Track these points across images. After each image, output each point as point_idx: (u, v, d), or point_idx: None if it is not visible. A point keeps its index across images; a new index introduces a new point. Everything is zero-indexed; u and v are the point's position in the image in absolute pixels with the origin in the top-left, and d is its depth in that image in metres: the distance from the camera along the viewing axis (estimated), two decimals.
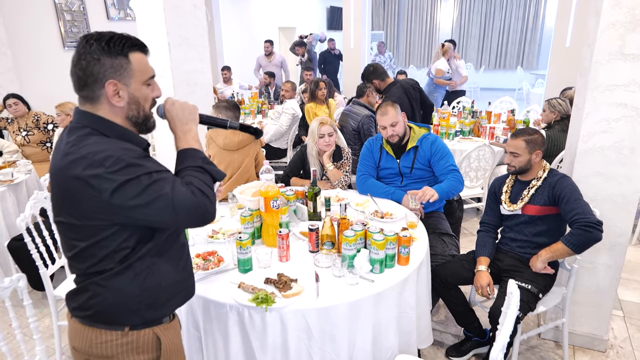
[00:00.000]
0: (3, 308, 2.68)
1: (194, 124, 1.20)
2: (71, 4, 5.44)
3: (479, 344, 2.27)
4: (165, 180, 1.00)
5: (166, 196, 0.98)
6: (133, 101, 1.08)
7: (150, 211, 0.99)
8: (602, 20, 1.91)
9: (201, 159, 1.12)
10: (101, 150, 0.98)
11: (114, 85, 1.03)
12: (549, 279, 2.07)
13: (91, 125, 1.04)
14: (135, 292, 1.10)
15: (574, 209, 1.89)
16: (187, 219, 1.03)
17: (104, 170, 0.95)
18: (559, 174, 2.05)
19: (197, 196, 1.02)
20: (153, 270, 1.11)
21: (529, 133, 2.06)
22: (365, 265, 1.66)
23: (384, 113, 2.45)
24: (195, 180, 1.05)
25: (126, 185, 0.96)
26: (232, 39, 8.82)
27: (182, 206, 0.99)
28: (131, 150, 1.01)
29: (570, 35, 5.69)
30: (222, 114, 2.65)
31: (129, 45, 1.05)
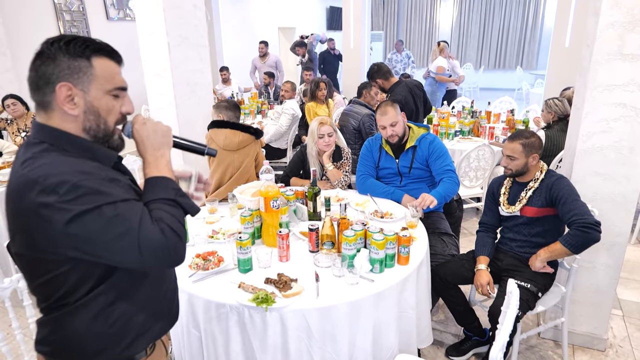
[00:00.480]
0: (3, 308, 2.68)
1: (167, 148, 1.03)
2: (70, 4, 5.44)
3: (479, 343, 2.27)
4: (132, 213, 0.86)
5: (132, 233, 0.84)
6: (91, 111, 0.93)
7: (111, 249, 0.85)
8: (601, 20, 1.91)
9: (174, 190, 0.98)
10: (55, 173, 0.83)
11: (67, 89, 0.89)
12: (549, 278, 2.07)
13: (48, 139, 0.91)
14: (97, 330, 0.97)
15: (572, 210, 1.89)
16: (153, 261, 0.88)
17: (57, 199, 0.81)
18: (556, 175, 2.05)
19: (167, 236, 0.87)
20: (119, 307, 0.98)
21: (525, 136, 2.04)
22: (365, 265, 1.67)
23: (383, 113, 2.45)
24: (166, 216, 0.90)
25: (84, 217, 0.82)
26: (231, 39, 8.83)
27: (149, 247, 0.85)
28: (92, 174, 0.87)
29: (570, 35, 5.69)
30: (223, 114, 2.66)
31: (94, 49, 0.93)
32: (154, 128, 1.02)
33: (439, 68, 6.00)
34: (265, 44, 7.28)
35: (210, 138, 2.61)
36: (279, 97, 5.57)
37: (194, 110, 3.07)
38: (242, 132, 2.58)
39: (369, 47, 8.09)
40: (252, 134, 2.62)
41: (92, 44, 0.93)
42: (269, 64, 7.22)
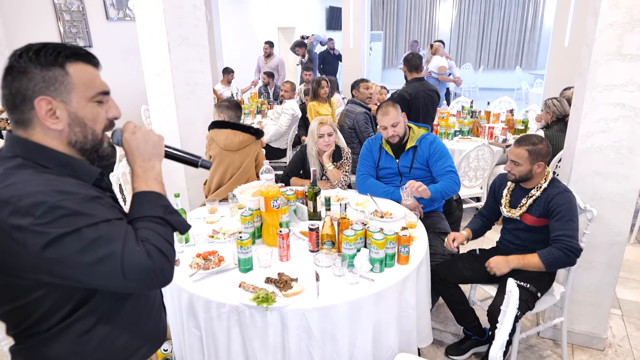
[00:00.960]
0: None
1: (157, 160, 0.97)
2: (70, 4, 5.44)
3: (478, 342, 2.28)
4: (115, 234, 0.80)
5: (114, 257, 0.78)
6: (76, 122, 0.86)
7: (92, 274, 0.79)
8: (600, 21, 1.92)
9: (162, 207, 0.91)
10: (30, 193, 0.77)
11: (47, 103, 0.83)
12: (548, 279, 2.08)
13: (23, 154, 0.84)
14: (76, 358, 0.90)
15: (563, 229, 1.89)
16: (138, 284, 0.83)
17: (32, 222, 0.75)
18: (559, 188, 1.98)
19: (154, 258, 0.82)
20: (98, 332, 0.91)
21: (532, 142, 1.96)
22: (365, 264, 1.67)
23: (385, 113, 2.45)
24: (153, 236, 0.85)
25: (62, 240, 0.76)
26: (231, 39, 8.83)
27: (133, 270, 0.80)
28: (71, 194, 0.80)
29: (569, 36, 5.70)
30: (224, 113, 2.66)
31: (66, 55, 0.85)
32: (144, 137, 0.96)
33: (440, 68, 5.97)
34: (271, 44, 7.24)
35: (211, 138, 2.61)
36: (278, 97, 5.57)
37: (193, 110, 3.08)
38: (243, 132, 2.59)
39: (368, 47, 8.09)
40: (252, 134, 2.62)
41: (63, 50, 0.86)
42: (271, 66, 7.20)
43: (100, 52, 5.80)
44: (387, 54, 13.38)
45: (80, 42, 5.53)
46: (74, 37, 5.50)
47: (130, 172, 0.97)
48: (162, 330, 1.10)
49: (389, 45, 13.30)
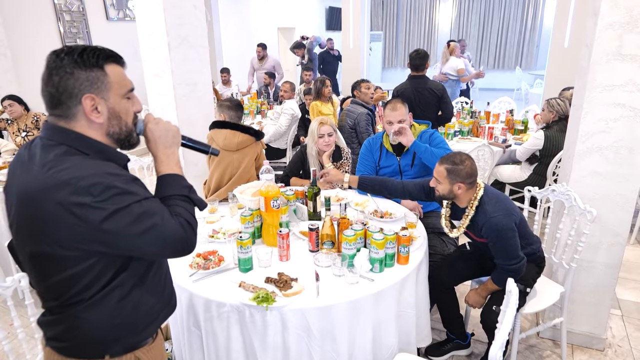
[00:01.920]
0: (4, 307, 2.68)
1: (176, 147, 1.13)
2: (70, 4, 5.44)
3: (460, 346, 2.28)
4: (155, 210, 0.95)
5: (157, 228, 0.93)
6: (114, 116, 1.00)
7: (140, 242, 0.94)
8: (600, 21, 1.92)
9: (187, 187, 1.08)
10: (86, 175, 0.89)
11: (91, 100, 0.95)
12: (534, 272, 2.03)
13: (67, 142, 0.95)
14: (115, 321, 1.02)
15: (498, 257, 1.88)
16: (172, 252, 0.99)
17: (92, 199, 0.88)
18: (485, 215, 1.82)
19: (186, 230, 0.98)
20: (132, 298, 1.04)
21: (453, 162, 1.81)
22: (365, 264, 1.67)
23: (394, 109, 2.44)
24: (183, 212, 1.01)
25: (116, 215, 0.90)
26: (231, 40, 8.83)
27: (171, 239, 0.96)
28: (119, 175, 0.94)
29: (569, 36, 5.70)
30: (225, 113, 2.66)
31: (104, 57, 0.98)
32: (166, 128, 1.10)
33: (459, 70, 5.87)
34: (263, 47, 7.19)
35: (211, 138, 2.62)
36: (278, 97, 5.57)
37: (193, 110, 3.08)
38: (242, 133, 2.59)
39: (368, 47, 8.10)
40: (252, 135, 2.62)
41: (101, 53, 0.98)
42: (266, 68, 7.18)
43: None
44: (387, 54, 13.39)
45: (80, 42, 5.53)
46: (74, 37, 5.50)
47: (153, 158, 1.12)
48: (175, 297, 1.22)
49: (389, 46, 13.31)
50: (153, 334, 1.15)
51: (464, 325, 2.29)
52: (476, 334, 2.42)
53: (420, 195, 2.11)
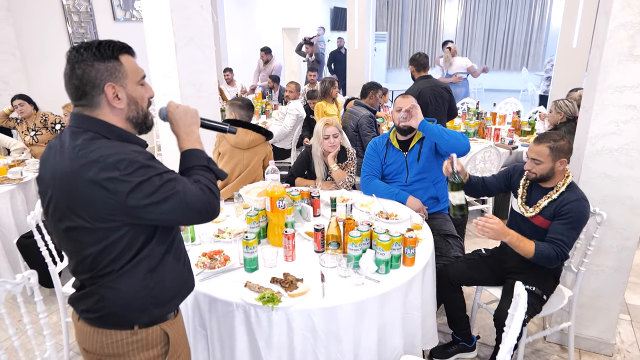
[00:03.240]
0: (14, 304, 2.70)
1: (196, 127, 1.24)
2: (78, 5, 5.47)
3: (465, 349, 2.26)
4: (176, 180, 1.04)
5: (178, 194, 1.02)
6: (132, 101, 1.10)
7: (164, 209, 1.02)
8: (611, 21, 1.89)
9: (206, 159, 1.17)
10: (112, 153, 1.00)
11: (112, 88, 1.05)
12: (553, 281, 2.05)
13: (93, 129, 1.06)
14: (143, 291, 1.11)
15: (566, 235, 1.86)
16: (197, 216, 1.07)
17: (119, 173, 0.98)
18: (577, 194, 1.90)
19: (206, 193, 1.07)
20: (158, 268, 1.14)
21: (554, 139, 1.89)
22: (371, 265, 1.66)
23: (405, 97, 2.50)
24: (203, 179, 1.10)
25: (141, 186, 0.99)
26: (236, 40, 8.85)
27: (193, 203, 1.04)
28: (141, 153, 1.04)
29: (577, 36, 5.65)
30: (236, 112, 2.68)
31: (118, 49, 1.07)
32: (185, 110, 1.22)
33: (469, 68, 6.01)
34: (266, 51, 7.10)
35: (222, 136, 2.64)
36: (283, 98, 5.57)
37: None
38: (254, 132, 2.60)
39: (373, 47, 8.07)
40: (263, 134, 2.63)
41: (115, 45, 1.07)
42: (269, 72, 7.12)
43: None
44: (392, 54, 13.35)
45: None
46: (81, 37, 5.53)
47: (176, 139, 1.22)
48: (192, 279, 1.30)
49: (394, 46, 13.27)
50: (175, 309, 1.23)
51: (470, 326, 2.27)
52: (482, 337, 2.40)
53: (501, 186, 2.19)
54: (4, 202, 2.89)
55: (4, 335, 2.45)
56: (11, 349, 2.25)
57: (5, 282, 1.43)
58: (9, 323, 1.48)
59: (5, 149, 3.92)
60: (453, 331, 2.29)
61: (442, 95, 3.81)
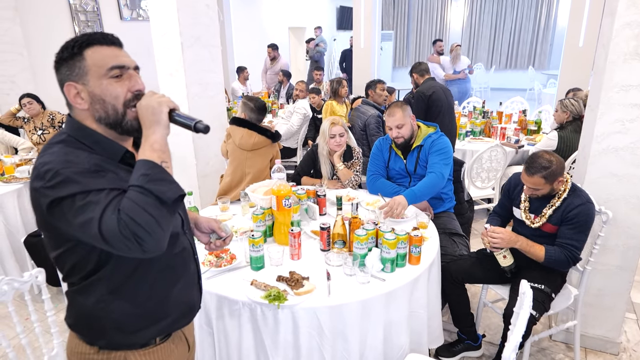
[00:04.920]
0: (22, 302, 2.73)
1: (157, 126, 0.95)
2: (85, 4, 5.52)
3: (470, 347, 2.27)
4: (98, 202, 0.85)
5: (93, 222, 0.83)
6: (95, 100, 0.96)
7: (83, 236, 0.87)
8: (617, 20, 1.89)
9: (143, 175, 0.88)
10: (48, 161, 0.89)
11: (73, 88, 0.96)
12: (560, 279, 2.05)
13: (69, 131, 0.98)
14: (100, 313, 1.00)
15: (575, 239, 1.89)
16: (119, 249, 0.85)
17: (43, 184, 0.86)
18: (582, 198, 1.92)
19: (125, 226, 0.82)
20: (120, 292, 1.00)
21: (544, 167, 1.84)
22: (377, 264, 1.67)
23: (390, 114, 2.44)
24: (128, 205, 0.84)
25: (61, 203, 0.85)
26: (242, 39, 8.87)
27: (108, 237, 0.83)
28: (76, 164, 0.89)
29: (584, 35, 5.62)
30: (246, 113, 2.68)
31: (85, 42, 0.95)
32: (147, 105, 0.96)
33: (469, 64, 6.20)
34: (273, 47, 7.12)
35: (229, 133, 2.66)
36: (291, 96, 5.58)
37: (205, 109, 3.10)
38: (259, 134, 2.61)
39: (379, 46, 8.06)
40: (268, 137, 2.64)
41: (80, 39, 0.96)
42: (275, 70, 7.12)
43: None
44: (398, 53, 13.32)
45: None
46: None
47: None
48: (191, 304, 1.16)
49: (400, 45, 13.23)
50: (149, 341, 1.07)
51: (475, 324, 2.27)
52: (488, 336, 2.40)
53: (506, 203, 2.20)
54: (11, 200, 2.93)
55: (12, 333, 2.49)
56: (19, 347, 2.28)
57: (13, 280, 1.45)
58: (17, 321, 1.50)
59: (12, 148, 3.97)
60: (458, 329, 2.29)
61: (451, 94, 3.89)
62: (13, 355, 1.45)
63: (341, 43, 11.66)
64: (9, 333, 2.50)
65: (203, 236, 1.30)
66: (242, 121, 2.64)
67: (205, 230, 1.30)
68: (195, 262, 1.18)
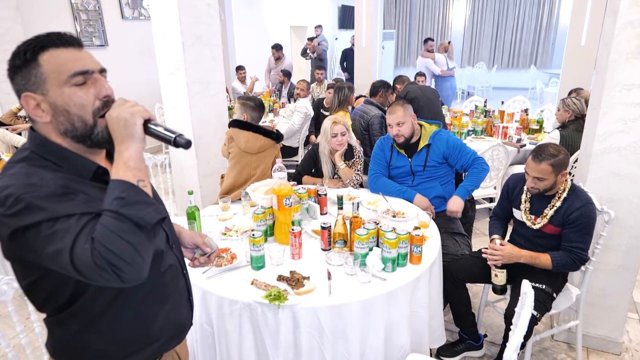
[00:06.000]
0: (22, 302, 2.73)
1: (131, 140, 0.84)
2: (87, 3, 5.52)
3: (472, 347, 2.26)
4: (67, 231, 0.76)
5: (63, 253, 0.75)
6: (57, 111, 0.85)
7: (53, 265, 0.79)
8: (619, 19, 1.88)
9: (118, 199, 0.78)
10: (8, 185, 0.78)
11: (31, 99, 0.84)
12: (561, 279, 2.05)
13: (32, 147, 0.87)
14: (81, 343, 0.95)
15: (579, 241, 1.90)
16: (96, 281, 0.78)
17: (2, 212, 0.77)
18: (582, 199, 1.91)
19: (100, 256, 0.75)
20: (101, 324, 0.94)
21: (553, 154, 1.86)
22: (378, 263, 1.67)
23: (392, 112, 2.46)
24: (103, 233, 0.76)
25: (25, 233, 0.77)
26: (244, 38, 8.87)
27: (83, 267, 0.76)
28: (40, 187, 0.79)
29: (586, 34, 5.59)
30: (247, 113, 2.66)
31: (35, 46, 0.84)
32: (117, 117, 0.85)
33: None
34: (277, 48, 7.12)
35: (231, 137, 2.63)
36: (293, 95, 5.58)
37: (207, 108, 3.10)
38: (264, 136, 2.60)
39: (380, 45, 8.04)
40: (273, 139, 2.64)
41: (32, 43, 0.84)
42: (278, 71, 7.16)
43: (116, 51, 5.87)
44: (400, 53, 13.29)
45: (96, 41, 5.61)
46: (90, 36, 5.58)
47: None
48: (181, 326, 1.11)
49: (402, 44, 13.21)
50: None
51: (476, 323, 2.27)
52: (489, 336, 2.40)
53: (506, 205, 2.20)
54: None
55: (12, 333, 2.49)
56: (19, 346, 2.29)
57: (13, 279, 1.45)
58: (17, 320, 1.50)
59: (13, 147, 3.98)
60: (459, 329, 2.29)
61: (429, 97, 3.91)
62: (13, 355, 1.45)
63: (343, 42, 11.65)
64: (9, 332, 2.50)
65: (187, 252, 1.22)
66: (244, 124, 2.63)
67: (188, 245, 1.22)
68: (184, 278, 1.12)
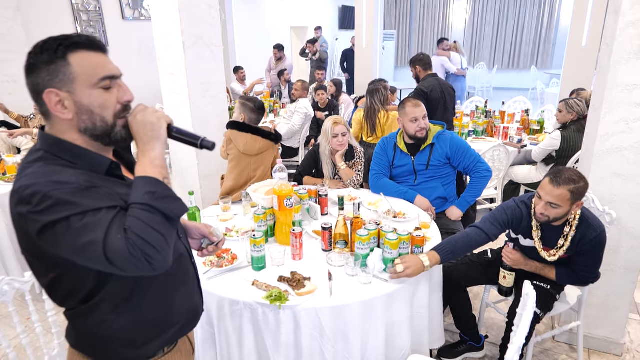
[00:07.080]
0: (23, 302, 2.73)
1: (157, 142, 0.93)
2: (87, 4, 5.53)
3: (473, 348, 2.25)
4: (99, 223, 0.81)
5: (96, 244, 0.80)
6: (82, 110, 0.89)
7: (82, 259, 0.83)
8: (621, 19, 1.87)
9: (149, 193, 0.86)
10: (32, 184, 0.82)
11: (55, 95, 0.87)
12: None
13: (44, 147, 0.91)
14: (107, 332, 0.98)
15: (589, 268, 1.87)
16: (125, 270, 0.83)
17: (29, 209, 0.81)
18: (595, 228, 1.77)
19: (134, 245, 0.81)
20: (123, 309, 0.97)
21: (573, 180, 1.67)
22: (379, 264, 1.66)
23: (416, 105, 2.45)
24: (136, 224, 0.82)
25: (54, 227, 0.80)
26: (244, 39, 8.88)
27: (116, 257, 0.81)
28: (66, 184, 0.83)
29: (587, 35, 5.59)
30: (246, 114, 2.64)
31: (67, 45, 0.87)
32: (144, 120, 0.93)
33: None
34: (279, 48, 7.15)
35: (230, 139, 2.61)
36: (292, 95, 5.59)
37: (207, 108, 3.10)
38: (263, 138, 2.59)
39: (381, 46, 8.04)
40: (272, 140, 2.64)
41: (64, 41, 0.88)
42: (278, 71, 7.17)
43: (116, 52, 5.87)
44: (400, 53, 13.29)
45: None
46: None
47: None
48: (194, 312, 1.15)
49: (402, 45, 13.21)
50: (157, 352, 1.06)
51: (477, 325, 2.26)
52: (490, 337, 2.39)
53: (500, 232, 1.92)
54: None
55: (13, 333, 2.49)
56: (20, 347, 2.29)
57: (14, 280, 1.46)
58: (18, 321, 1.50)
59: (15, 148, 3.98)
60: (460, 331, 2.28)
61: (451, 94, 3.83)
62: (14, 356, 1.45)
63: (343, 42, 11.65)
64: (10, 333, 2.50)
65: (194, 242, 1.26)
66: (243, 125, 2.61)
67: (195, 236, 1.25)
68: (193, 266, 1.16)
